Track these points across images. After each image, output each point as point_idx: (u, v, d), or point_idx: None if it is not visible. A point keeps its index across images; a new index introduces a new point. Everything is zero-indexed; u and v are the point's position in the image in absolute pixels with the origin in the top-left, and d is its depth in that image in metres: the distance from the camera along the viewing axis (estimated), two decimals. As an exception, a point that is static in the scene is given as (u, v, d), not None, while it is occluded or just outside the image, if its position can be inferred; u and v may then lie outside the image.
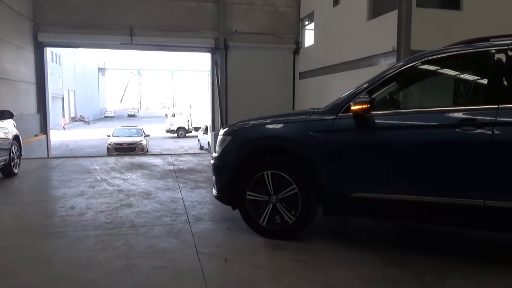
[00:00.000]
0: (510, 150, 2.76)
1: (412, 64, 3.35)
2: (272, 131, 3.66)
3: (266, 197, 3.53)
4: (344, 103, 3.33)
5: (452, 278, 2.77)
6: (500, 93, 2.91)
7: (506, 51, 2.96)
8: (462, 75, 4.43)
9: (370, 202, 3.19)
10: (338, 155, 3.27)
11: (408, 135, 3.09)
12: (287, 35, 17.14)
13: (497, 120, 2.79)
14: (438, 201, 2.96)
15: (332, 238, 3.62)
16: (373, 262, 3.03)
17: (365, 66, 11.97)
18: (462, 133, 2.87)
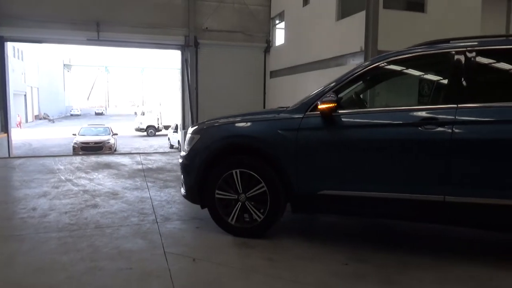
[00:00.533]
0: (468, 147, 2.88)
1: (378, 64, 3.43)
2: (241, 130, 3.65)
3: (235, 196, 3.52)
4: (312, 101, 3.37)
5: (414, 271, 2.86)
6: (459, 93, 3.02)
7: (465, 52, 3.08)
8: (425, 75, 4.58)
9: (337, 200, 3.25)
10: (306, 153, 3.30)
11: (372, 134, 3.17)
12: (258, 33, 17.19)
13: (456, 119, 2.91)
14: (402, 197, 3.05)
15: (300, 235, 3.66)
16: (340, 257, 3.09)
17: (335, 65, 12.20)
18: (424, 132, 2.97)
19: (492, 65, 3.28)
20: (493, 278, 2.76)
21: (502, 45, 3.23)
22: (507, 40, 3.60)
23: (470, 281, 2.72)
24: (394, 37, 10.29)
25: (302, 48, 14.65)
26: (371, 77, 4.18)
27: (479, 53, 3.09)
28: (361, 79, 3.91)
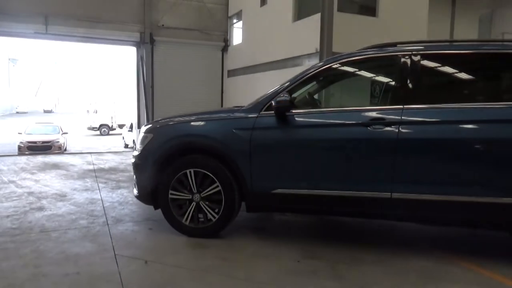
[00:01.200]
0: (413, 146, 3.03)
1: (330, 65, 3.52)
2: (196, 129, 3.61)
3: (189, 196, 3.48)
4: (266, 101, 3.40)
5: (362, 265, 2.97)
6: (405, 95, 3.16)
7: (411, 56, 3.24)
8: (375, 77, 4.75)
9: (290, 198, 3.29)
10: (260, 152, 3.32)
11: (324, 133, 3.24)
12: (216, 32, 17.07)
13: (402, 119, 3.05)
14: (352, 194, 3.14)
15: (254, 234, 3.68)
16: (293, 255, 3.14)
17: (291, 66, 12.36)
18: (372, 131, 3.08)
19: (436, 68, 3.46)
20: (432, 269, 2.93)
21: (445, 49, 3.43)
22: (450, 45, 3.81)
23: (412, 273, 2.86)
24: (348, 39, 10.61)
25: (259, 48, 14.73)
26: (324, 78, 4.28)
27: (423, 56, 3.25)
28: (315, 80, 4.00)
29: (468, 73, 3.54)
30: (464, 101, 3.19)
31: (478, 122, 2.97)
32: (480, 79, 3.57)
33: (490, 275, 2.85)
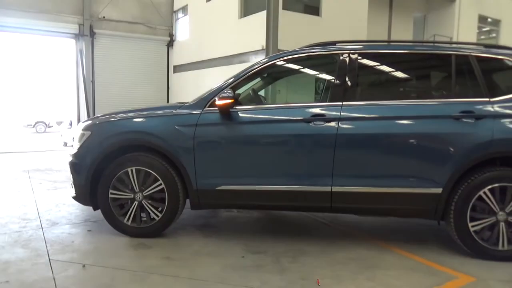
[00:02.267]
0: (351, 141, 3.16)
1: (274, 62, 3.56)
2: (137, 125, 3.50)
3: (131, 195, 3.37)
4: (210, 97, 3.38)
5: (304, 258, 3.05)
6: (344, 92, 3.29)
7: (349, 54, 3.37)
8: (317, 74, 4.89)
9: (235, 194, 3.30)
10: (204, 149, 3.29)
11: (268, 129, 3.28)
12: (161, 26, 16.63)
13: (341, 116, 3.17)
14: (296, 189, 3.22)
15: (199, 232, 3.65)
16: (238, 251, 3.15)
17: (238, 62, 12.37)
18: (313, 127, 3.17)
19: (373, 67, 3.63)
20: (370, 258, 3.08)
21: (381, 49, 3.61)
22: (386, 45, 4.02)
23: (352, 262, 2.99)
24: (293, 37, 10.82)
25: (206, 43, 14.58)
26: (269, 74, 4.34)
27: (361, 55, 3.40)
28: (259, 76, 4.04)
29: (402, 72, 3.76)
30: (399, 98, 3.39)
31: (410, 118, 3.16)
32: (413, 78, 3.81)
33: (421, 260, 3.06)
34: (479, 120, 3.04)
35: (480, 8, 18.46)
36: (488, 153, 3.02)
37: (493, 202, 3.01)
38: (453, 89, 3.31)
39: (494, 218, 3.03)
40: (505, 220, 3.02)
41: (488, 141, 2.99)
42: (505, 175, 3.00)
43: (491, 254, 3.06)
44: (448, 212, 3.10)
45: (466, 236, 3.06)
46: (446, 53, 3.35)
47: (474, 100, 3.13)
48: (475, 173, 3.04)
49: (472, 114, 3.05)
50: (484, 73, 3.21)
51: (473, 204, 3.03)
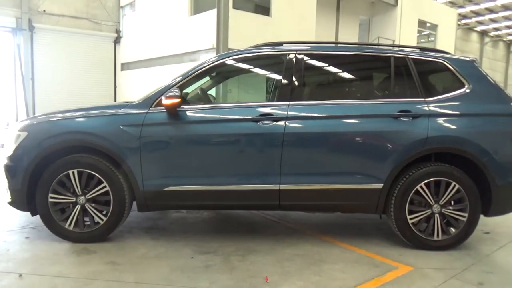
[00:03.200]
0: (298, 140, 3.23)
1: (223, 61, 3.56)
2: (79, 125, 3.34)
3: (73, 198, 3.21)
4: (156, 96, 3.30)
5: (254, 256, 3.08)
6: (291, 92, 3.35)
7: (296, 55, 3.44)
8: (265, 74, 4.95)
9: (184, 195, 3.25)
10: (151, 149, 3.22)
11: (216, 129, 3.27)
12: (107, 22, 16.00)
13: (288, 115, 3.23)
14: (245, 188, 3.23)
15: (147, 234, 3.55)
16: (187, 252, 3.12)
17: (188, 61, 12.22)
18: (262, 127, 3.20)
19: (319, 67, 3.73)
20: (317, 253, 3.18)
21: (327, 50, 3.71)
22: (331, 46, 4.14)
23: (299, 258, 3.06)
24: (244, 37, 10.87)
25: (155, 41, 14.23)
26: (218, 73, 4.32)
27: (307, 56, 3.48)
28: (207, 75, 4.01)
29: (347, 73, 3.91)
30: (344, 98, 3.51)
31: (354, 117, 3.29)
32: (357, 78, 3.96)
33: (365, 253, 3.20)
34: (416, 119, 3.23)
35: (420, 13, 19.63)
36: (424, 150, 3.21)
37: (428, 195, 3.22)
38: (393, 90, 3.48)
39: (430, 210, 3.24)
40: (440, 212, 3.23)
41: (424, 138, 3.18)
42: (439, 170, 3.22)
43: (428, 244, 3.27)
44: (389, 206, 3.26)
45: (405, 228, 3.24)
46: (385, 55, 3.53)
47: (411, 100, 3.32)
48: (412, 168, 3.23)
49: (409, 113, 3.23)
50: (420, 75, 3.41)
51: (411, 198, 3.22)
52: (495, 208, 3.29)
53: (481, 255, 3.23)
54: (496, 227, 3.94)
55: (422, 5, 19.96)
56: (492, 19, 34.23)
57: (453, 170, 3.21)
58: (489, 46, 39.77)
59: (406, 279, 2.75)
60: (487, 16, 33.32)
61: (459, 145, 3.21)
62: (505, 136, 3.28)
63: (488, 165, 3.18)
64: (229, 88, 11.41)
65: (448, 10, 23.01)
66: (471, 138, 3.20)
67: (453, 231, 3.27)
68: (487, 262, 3.11)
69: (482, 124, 3.29)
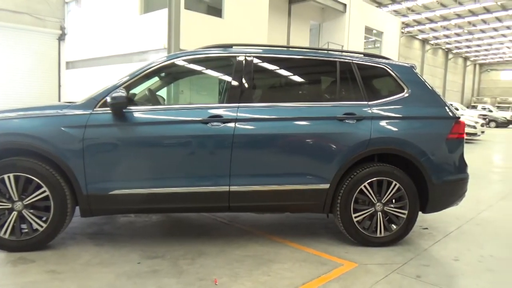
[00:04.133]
0: (248, 142, 3.25)
1: (173, 61, 3.52)
2: (16, 127, 3.13)
3: (8, 205, 3.01)
4: (101, 97, 3.19)
5: (203, 259, 3.05)
6: (241, 94, 3.37)
7: (245, 57, 3.47)
8: (216, 75, 4.94)
9: (131, 199, 3.16)
10: (95, 152, 3.09)
11: (164, 131, 3.20)
12: (50, 18, 15.18)
13: (238, 117, 3.24)
14: (195, 190, 3.20)
15: (91, 240, 3.40)
16: (134, 257, 3.02)
17: (138, 60, 11.89)
18: (211, 128, 3.19)
19: (268, 70, 3.78)
20: (266, 253, 3.21)
21: (276, 54, 3.75)
22: (281, 50, 4.21)
23: (249, 259, 3.08)
24: (196, 38, 10.77)
25: (103, 39, 13.71)
26: (167, 74, 4.24)
27: (257, 58, 3.52)
28: (156, 75, 3.92)
29: (295, 76, 3.99)
30: (292, 101, 3.56)
31: (302, 120, 3.36)
32: (305, 82, 4.05)
33: (313, 252, 3.28)
34: (360, 121, 3.37)
35: (367, 21, 20.56)
36: (367, 151, 3.36)
37: (372, 194, 3.37)
38: (339, 93, 3.61)
39: (373, 208, 3.39)
40: (382, 210, 3.40)
41: (367, 139, 3.33)
42: (381, 170, 3.38)
43: (371, 241, 3.42)
44: (335, 205, 3.37)
45: (350, 226, 3.37)
46: (332, 59, 3.65)
47: (355, 103, 3.47)
48: (356, 169, 3.36)
49: (353, 115, 3.37)
50: (363, 79, 3.57)
51: (356, 197, 3.35)
52: (432, 205, 3.51)
53: (420, 250, 3.43)
54: (433, 222, 4.20)
55: (369, 13, 20.92)
56: (432, 28, 36.60)
57: (394, 170, 3.39)
58: (430, 53, 42.48)
59: (351, 276, 2.86)
60: (428, 25, 35.59)
61: (399, 146, 3.39)
62: (440, 137, 3.51)
63: (425, 165, 3.39)
64: (181, 89, 11.25)
65: (392, 19, 24.30)
66: (410, 140, 3.39)
67: (394, 228, 3.45)
68: (424, 256, 3.31)
69: (420, 126, 3.50)
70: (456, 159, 3.57)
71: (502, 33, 37.27)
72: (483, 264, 3.18)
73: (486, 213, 4.73)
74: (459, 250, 3.46)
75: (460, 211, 4.48)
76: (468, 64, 51.54)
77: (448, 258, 3.30)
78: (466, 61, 50.99)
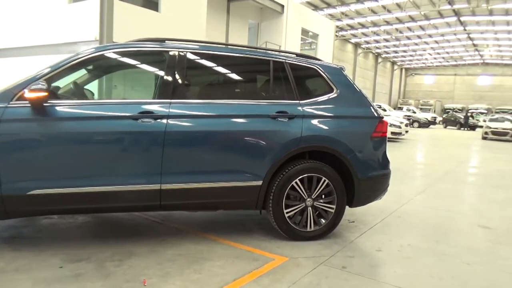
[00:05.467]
0: (180, 139, 3.19)
1: (102, 53, 3.35)
2: None
3: None
4: (19, 89, 2.94)
5: (132, 260, 2.94)
6: (173, 90, 3.30)
7: (178, 53, 3.39)
8: (149, 70, 4.77)
9: (53, 199, 2.95)
10: (10, 149, 2.84)
11: (90, 126, 3.03)
12: (-36, 1, 13.70)
13: (170, 113, 3.17)
14: (123, 189, 3.06)
15: (5, 245, 3.11)
16: (55, 262, 2.83)
17: (67, 52, 11.11)
18: (141, 124, 3.08)
19: (202, 67, 3.73)
20: (199, 251, 3.18)
21: (211, 50, 3.70)
22: (215, 46, 4.17)
23: (180, 258, 3.03)
24: (130, 31, 10.36)
25: (27, 27, 12.65)
26: (96, 67, 4.02)
27: (191, 54, 3.46)
28: (83, 68, 3.71)
29: (230, 74, 3.98)
30: (227, 98, 3.55)
31: (235, 117, 3.37)
32: (239, 79, 4.07)
33: (246, 248, 3.31)
34: (291, 119, 3.46)
35: (303, 23, 21.19)
36: (298, 148, 3.46)
37: (302, 190, 3.48)
38: (272, 92, 3.67)
39: (304, 204, 3.50)
40: (312, 205, 3.52)
41: (298, 137, 3.43)
42: (311, 167, 3.50)
43: (302, 236, 3.53)
44: (268, 201, 3.43)
45: (282, 222, 3.45)
46: (266, 58, 3.70)
47: (288, 102, 3.55)
48: (288, 166, 3.45)
49: (285, 114, 3.45)
50: (295, 79, 3.67)
51: (287, 193, 3.44)
52: (358, 200, 3.71)
53: (346, 242, 3.61)
54: (360, 216, 4.45)
55: (305, 15, 21.59)
56: (364, 33, 38.78)
57: (323, 167, 3.53)
58: (361, 56, 44.98)
59: (281, 270, 2.93)
60: (360, 30, 37.65)
61: (328, 144, 3.54)
62: (366, 136, 3.72)
63: (352, 161, 3.57)
64: (114, 84, 10.76)
65: (327, 22, 25.31)
66: (338, 138, 3.55)
67: (324, 222, 3.59)
68: (350, 247, 3.49)
69: (347, 125, 3.68)
70: (380, 156, 3.81)
71: (425, 40, 40.58)
72: (402, 253, 3.43)
73: (407, 206, 5.11)
74: (382, 241, 3.70)
75: (384, 205, 4.79)
76: (396, 68, 55.38)
77: (371, 249, 3.52)
78: (393, 65, 54.74)
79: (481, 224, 4.46)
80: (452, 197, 5.96)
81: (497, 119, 22.59)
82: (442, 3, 27.66)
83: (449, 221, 4.55)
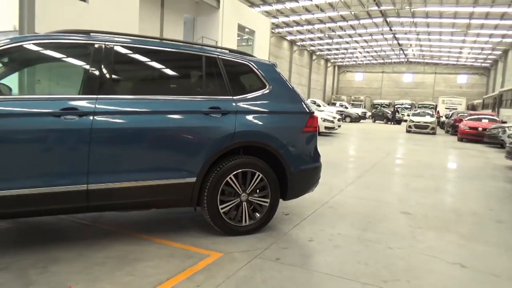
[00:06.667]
0: (108, 136, 3.05)
1: (18, 44, 3.10)
2: None
3: None
4: None
5: (57, 266, 2.78)
6: (100, 85, 3.14)
7: (105, 46, 3.24)
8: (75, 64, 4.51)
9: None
10: None
11: (5, 124, 2.78)
12: None
13: (96, 109, 3.01)
14: (45, 191, 2.86)
15: None
16: (-33, 273, 2.58)
17: (-19, 43, 10.13)
18: (64, 122, 2.90)
19: (131, 61, 3.59)
20: (131, 252, 3.09)
21: (140, 44, 3.57)
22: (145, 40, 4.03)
23: (111, 261, 2.92)
24: (55, 21, 9.65)
25: None
26: (13, 60, 3.70)
27: (119, 48, 3.32)
28: (-4, 60, 3.40)
29: (161, 69, 3.87)
30: (158, 94, 3.44)
31: (167, 113, 3.29)
32: (171, 75, 3.97)
33: (180, 246, 3.27)
34: (225, 115, 3.47)
35: (239, 18, 21.26)
36: (232, 144, 3.48)
37: (237, 185, 3.51)
38: (205, 87, 3.64)
39: (238, 199, 3.53)
40: (247, 200, 3.57)
41: (232, 133, 3.45)
42: (245, 162, 3.54)
43: (237, 231, 3.56)
44: (202, 198, 3.41)
45: (217, 218, 3.45)
46: (198, 54, 3.66)
47: (221, 97, 3.55)
48: (222, 161, 3.46)
49: (218, 110, 3.45)
50: (228, 74, 3.67)
51: (222, 189, 3.45)
52: (291, 192, 3.82)
53: (280, 234, 3.72)
54: (294, 208, 4.60)
55: (241, 11, 21.67)
56: (299, 31, 39.87)
57: (257, 162, 3.58)
58: (297, 54, 46.23)
59: (216, 265, 2.93)
60: (295, 28, 38.64)
61: (261, 139, 3.60)
62: (297, 131, 3.84)
63: (284, 155, 3.67)
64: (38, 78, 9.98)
65: (263, 19, 25.64)
66: (271, 133, 3.63)
67: (258, 216, 3.65)
68: (284, 239, 3.60)
69: (280, 120, 3.76)
70: (311, 150, 3.96)
71: (355, 39, 42.74)
72: (332, 242, 3.61)
73: (338, 197, 5.38)
74: (314, 231, 3.86)
75: (316, 197, 4.99)
76: (329, 66, 57.76)
77: (304, 239, 3.65)
78: (327, 62, 57.04)
79: (403, 211, 4.83)
80: (379, 187, 6.38)
81: (419, 113, 24.52)
82: (370, 4, 29.31)
83: (375, 209, 4.86)
